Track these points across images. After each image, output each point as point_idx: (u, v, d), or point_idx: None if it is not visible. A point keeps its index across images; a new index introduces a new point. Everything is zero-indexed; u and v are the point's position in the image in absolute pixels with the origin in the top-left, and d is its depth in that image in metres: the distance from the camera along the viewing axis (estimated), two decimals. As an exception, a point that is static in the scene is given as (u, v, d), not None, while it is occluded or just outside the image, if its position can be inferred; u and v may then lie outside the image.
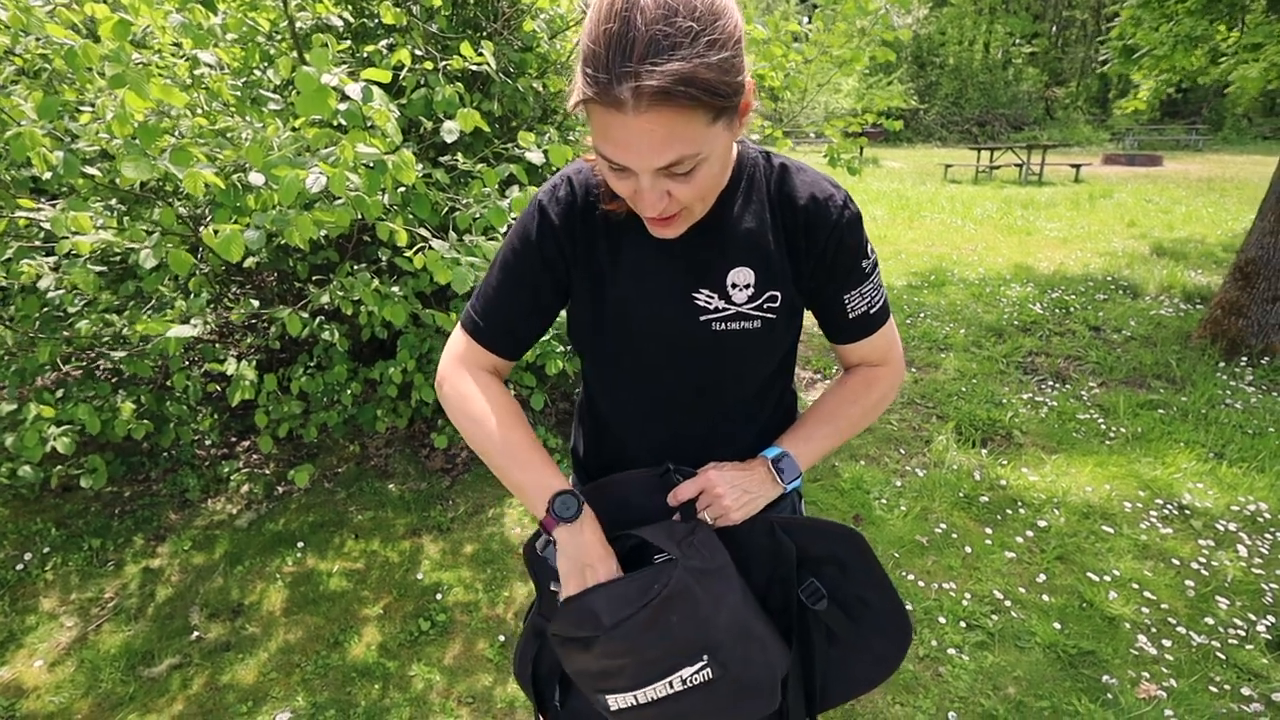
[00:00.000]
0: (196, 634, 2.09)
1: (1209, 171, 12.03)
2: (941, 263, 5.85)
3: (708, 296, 0.86)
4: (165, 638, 2.08)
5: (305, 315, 2.12)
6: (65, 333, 2.23)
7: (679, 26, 0.62)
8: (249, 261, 2.62)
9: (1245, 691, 1.84)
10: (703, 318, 0.86)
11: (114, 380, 2.77)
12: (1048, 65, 29.74)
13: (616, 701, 0.80)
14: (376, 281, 2.31)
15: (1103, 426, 3.22)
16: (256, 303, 2.32)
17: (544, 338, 2.65)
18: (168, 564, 2.38)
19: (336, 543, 2.47)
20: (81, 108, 2.09)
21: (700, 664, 0.78)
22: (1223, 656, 1.96)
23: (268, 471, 2.87)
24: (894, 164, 14.80)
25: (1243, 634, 2.02)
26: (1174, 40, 3.42)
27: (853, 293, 0.89)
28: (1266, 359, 3.67)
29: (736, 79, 0.67)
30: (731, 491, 0.87)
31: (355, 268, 2.46)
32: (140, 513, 2.61)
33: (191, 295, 2.31)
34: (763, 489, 0.89)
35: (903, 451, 3.10)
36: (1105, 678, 1.90)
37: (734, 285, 0.86)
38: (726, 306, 0.86)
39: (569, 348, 2.72)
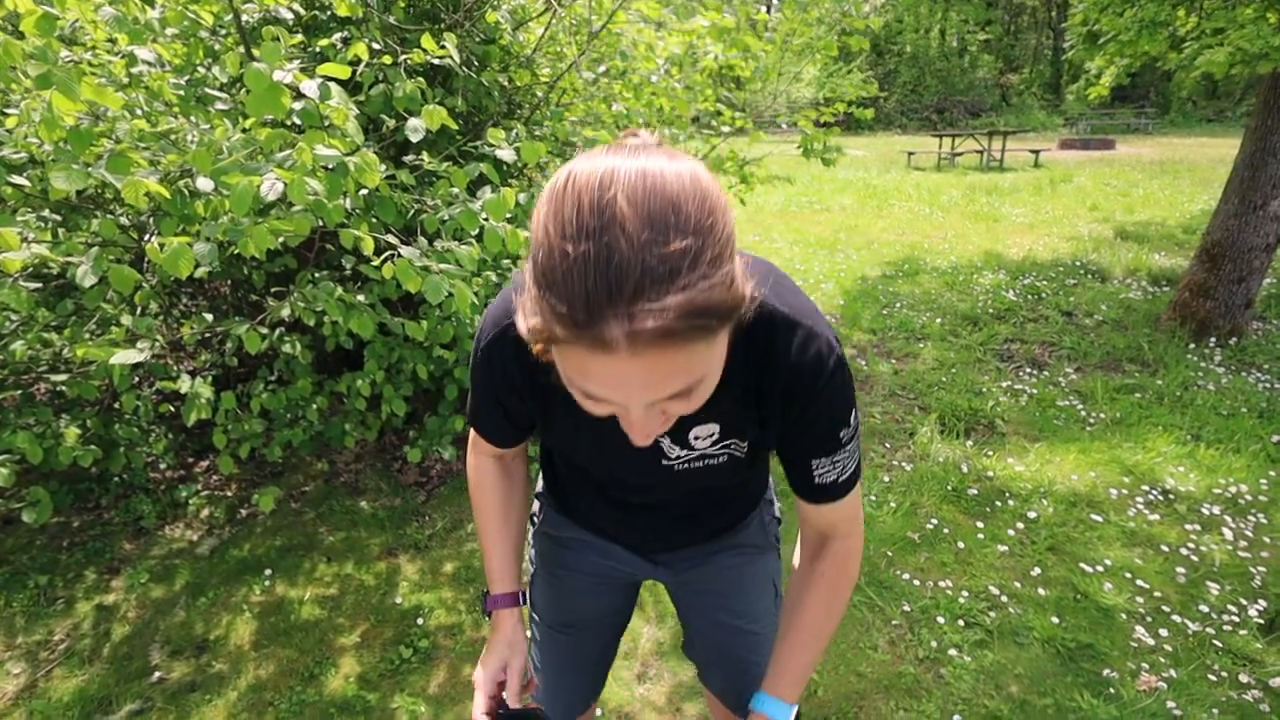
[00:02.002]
0: (158, 675, 1.95)
1: (1160, 154, 12.37)
2: (913, 251, 5.87)
3: (669, 445, 0.81)
4: (123, 681, 1.93)
5: (264, 330, 1.98)
6: (-2, 356, 2.05)
7: (675, 247, 0.48)
8: (200, 271, 2.46)
9: (1243, 679, 1.84)
10: (663, 461, 0.82)
11: (56, 403, 2.59)
12: (1001, 52, 30.31)
13: None
14: (340, 290, 2.18)
15: (1082, 412, 3.24)
16: (210, 316, 2.17)
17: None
18: (123, 599, 2.22)
19: (307, 567, 2.34)
20: (7, 110, 1.92)
21: None
22: (1219, 644, 1.95)
23: (229, 493, 2.71)
24: (857, 152, 14.91)
25: (1236, 619, 2.02)
26: (1139, 25, 3.45)
27: (823, 459, 0.78)
28: (1234, 339, 3.73)
29: (742, 287, 0.54)
30: None
31: (317, 276, 2.32)
32: (91, 544, 2.44)
33: (138, 311, 2.15)
34: None
35: (888, 445, 3.07)
36: (1106, 671, 1.88)
37: (696, 437, 0.80)
38: (688, 453, 0.82)
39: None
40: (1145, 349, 3.77)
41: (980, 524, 2.49)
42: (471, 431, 0.96)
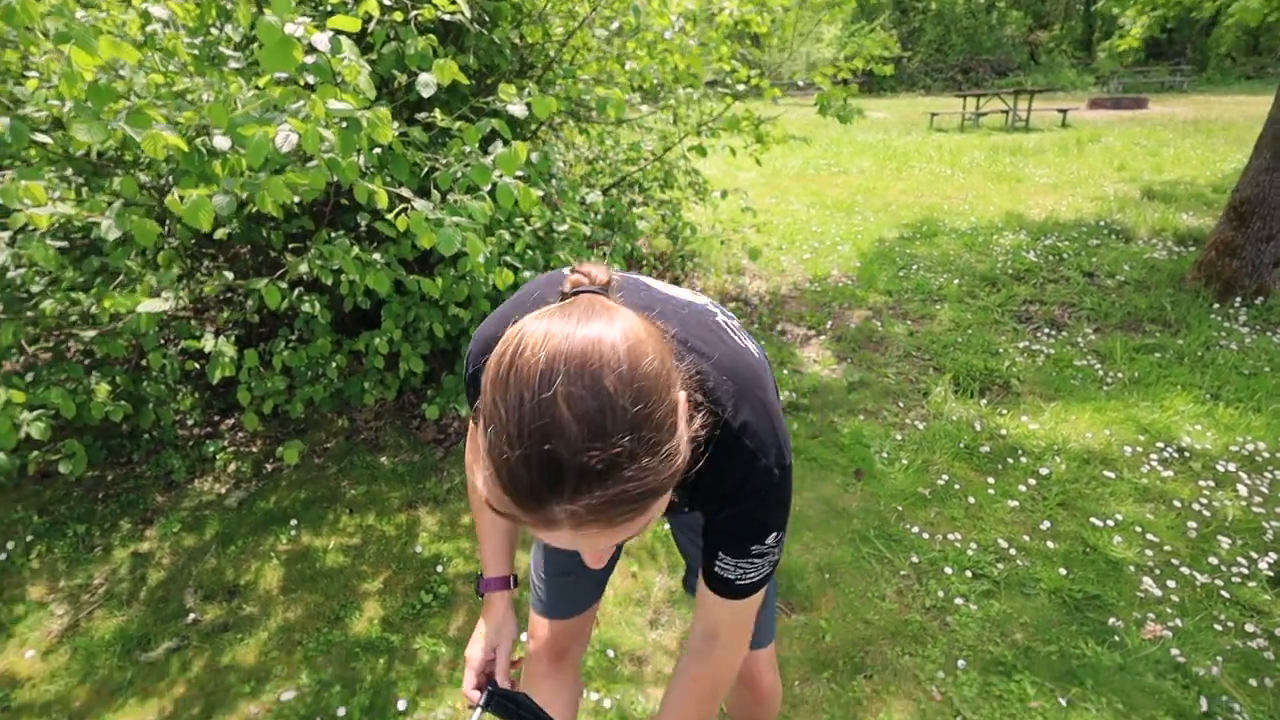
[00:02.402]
0: (192, 616, 2.05)
1: (1195, 113, 11.95)
2: (932, 213, 5.77)
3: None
4: (160, 621, 2.03)
5: (283, 286, 2.03)
6: (29, 313, 2.12)
7: (613, 450, 0.51)
8: (220, 233, 2.51)
9: (1249, 628, 1.85)
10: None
11: (86, 362, 2.67)
12: (1030, 8, 29.20)
13: None
14: (356, 249, 2.21)
15: (1099, 372, 3.21)
16: (230, 274, 2.22)
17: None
18: (157, 547, 2.32)
19: (330, 519, 2.42)
20: (27, 73, 1.95)
21: None
22: (1226, 595, 1.97)
23: (254, 449, 2.80)
24: (879, 114, 14.57)
25: (1245, 572, 2.03)
26: (1171, -29, 3.31)
27: (728, 558, 0.80)
28: (1261, 299, 3.66)
29: (678, 460, 0.56)
30: None
31: (333, 235, 2.35)
32: (125, 496, 2.54)
33: (161, 270, 2.20)
34: None
35: (901, 405, 3.08)
36: (1111, 620, 1.90)
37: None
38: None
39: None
40: (1168, 309, 3.71)
41: (991, 480, 2.50)
42: (470, 423, 0.98)
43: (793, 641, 1.91)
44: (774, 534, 0.79)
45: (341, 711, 1.73)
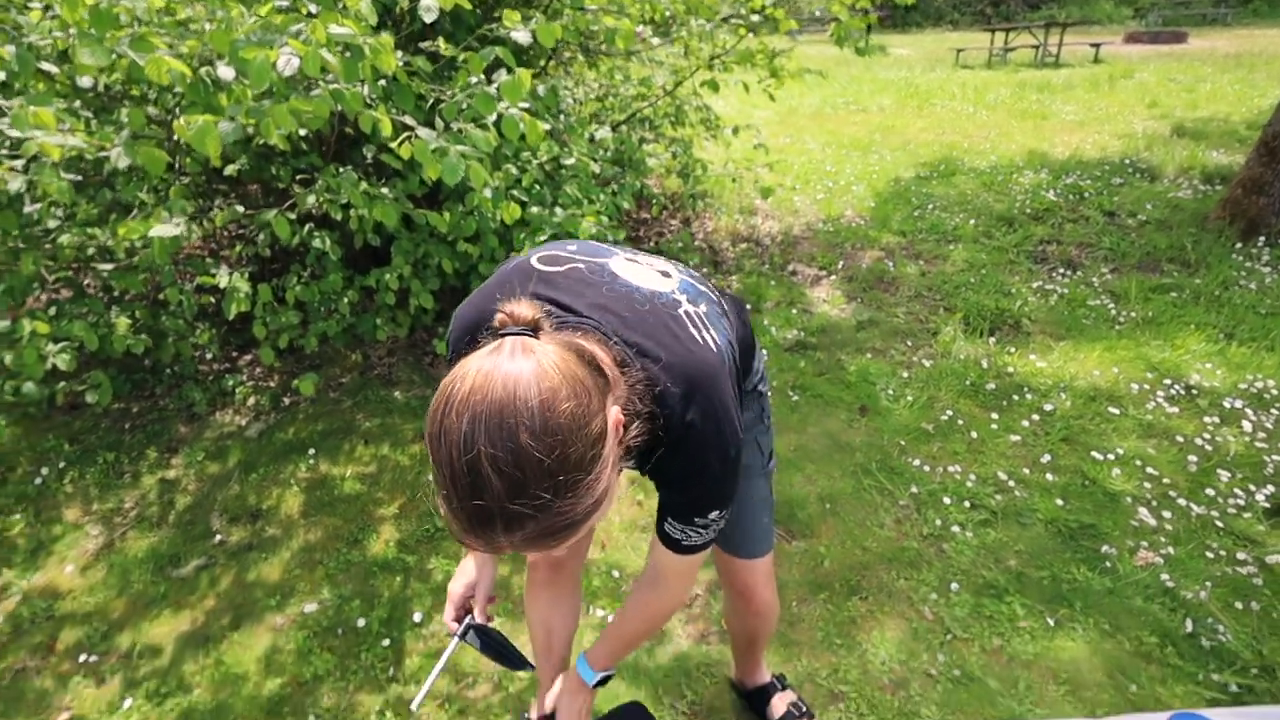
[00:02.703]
0: (219, 537, 2.15)
1: (1237, 47, 11.37)
2: (951, 151, 5.62)
3: None
4: (189, 541, 2.14)
5: (292, 217, 2.05)
6: (48, 246, 2.17)
7: (535, 501, 0.60)
8: (230, 170, 2.52)
9: (1241, 556, 1.89)
10: None
11: (106, 298, 2.73)
12: (1069, -65, 27.56)
13: None
14: (365, 184, 2.22)
15: (1112, 312, 3.18)
16: (241, 208, 2.24)
17: (543, 238, 2.58)
18: (183, 474, 2.42)
19: (347, 449, 2.51)
20: (30, 3, 1.94)
21: None
22: (1221, 525, 2.00)
23: (272, 384, 2.87)
24: (902, 51, 14.02)
25: (1242, 504, 2.06)
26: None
27: (675, 521, 0.89)
28: (1285, 238, 3.57)
29: (602, 490, 0.65)
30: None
31: (340, 170, 2.36)
32: (150, 427, 2.63)
33: (172, 201, 2.22)
34: (588, 708, 1.11)
35: (909, 344, 3.08)
36: (1104, 548, 1.95)
37: None
38: None
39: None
40: (1188, 249, 3.64)
41: (995, 416, 2.52)
42: None
43: (792, 566, 1.98)
44: (716, 511, 0.88)
45: (361, 622, 1.83)
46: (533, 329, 0.66)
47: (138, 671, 1.75)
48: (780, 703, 1.57)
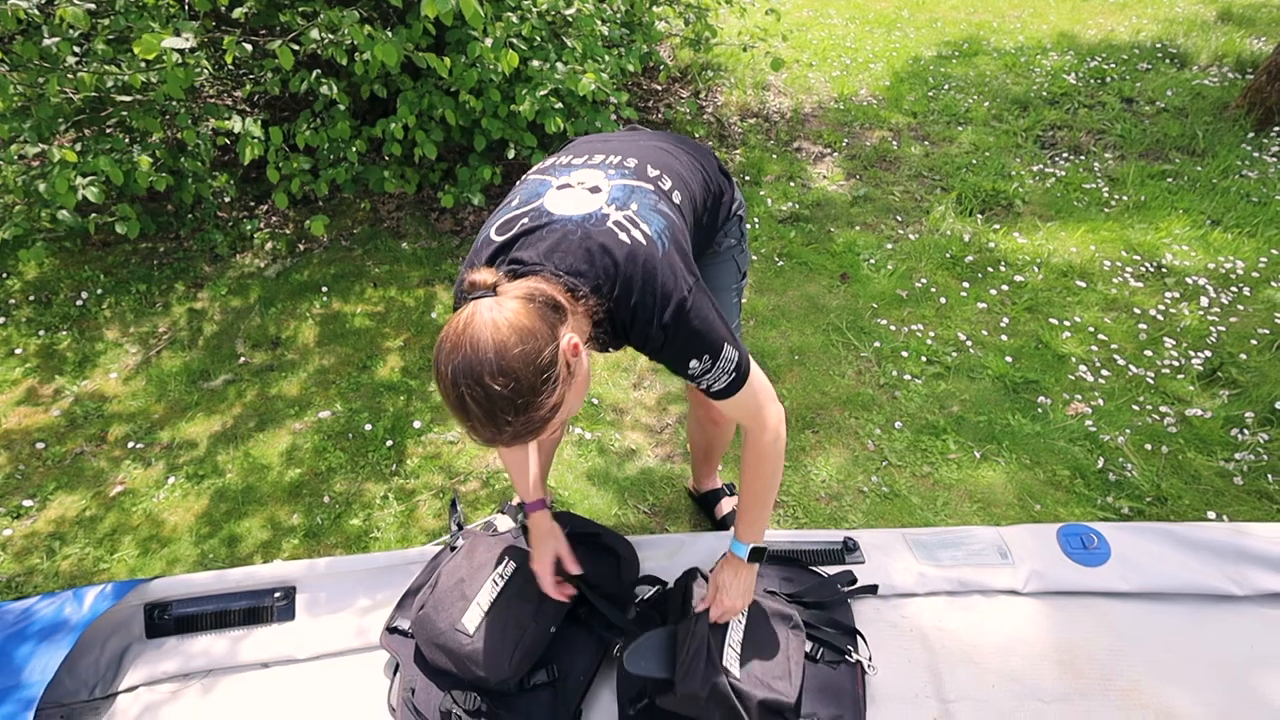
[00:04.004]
0: (243, 359, 2.39)
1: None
2: (979, 31, 5.38)
3: None
4: (217, 361, 2.39)
5: (296, 48, 2.13)
6: (69, 76, 2.28)
7: (504, 423, 0.83)
8: (238, 13, 2.57)
9: (1164, 409, 2.07)
10: None
11: (128, 139, 2.85)
12: None
13: None
14: (368, 28, 2.27)
15: (1106, 195, 3.21)
16: (250, 47, 2.32)
17: (543, 93, 2.64)
18: (209, 306, 2.64)
19: (357, 290, 2.70)
20: None
21: None
22: (1153, 384, 2.16)
23: (288, 231, 3.04)
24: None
25: (1177, 365, 2.21)
26: None
27: (690, 381, 1.04)
28: (1300, 129, 3.51)
29: (558, 399, 0.85)
30: (740, 599, 1.25)
31: (343, 11, 2.40)
32: (176, 264, 2.83)
33: (180, 20, 2.30)
34: (751, 581, 1.26)
35: (899, 219, 3.16)
36: (1041, 399, 2.13)
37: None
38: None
39: (565, 104, 2.71)
40: (1199, 137, 3.59)
41: (967, 285, 2.65)
42: None
43: (755, 404, 2.18)
44: (694, 360, 1.00)
45: (369, 428, 2.09)
46: (492, 289, 0.86)
47: (178, 458, 2.04)
48: (726, 504, 1.82)
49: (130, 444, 2.08)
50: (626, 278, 0.95)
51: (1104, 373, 2.20)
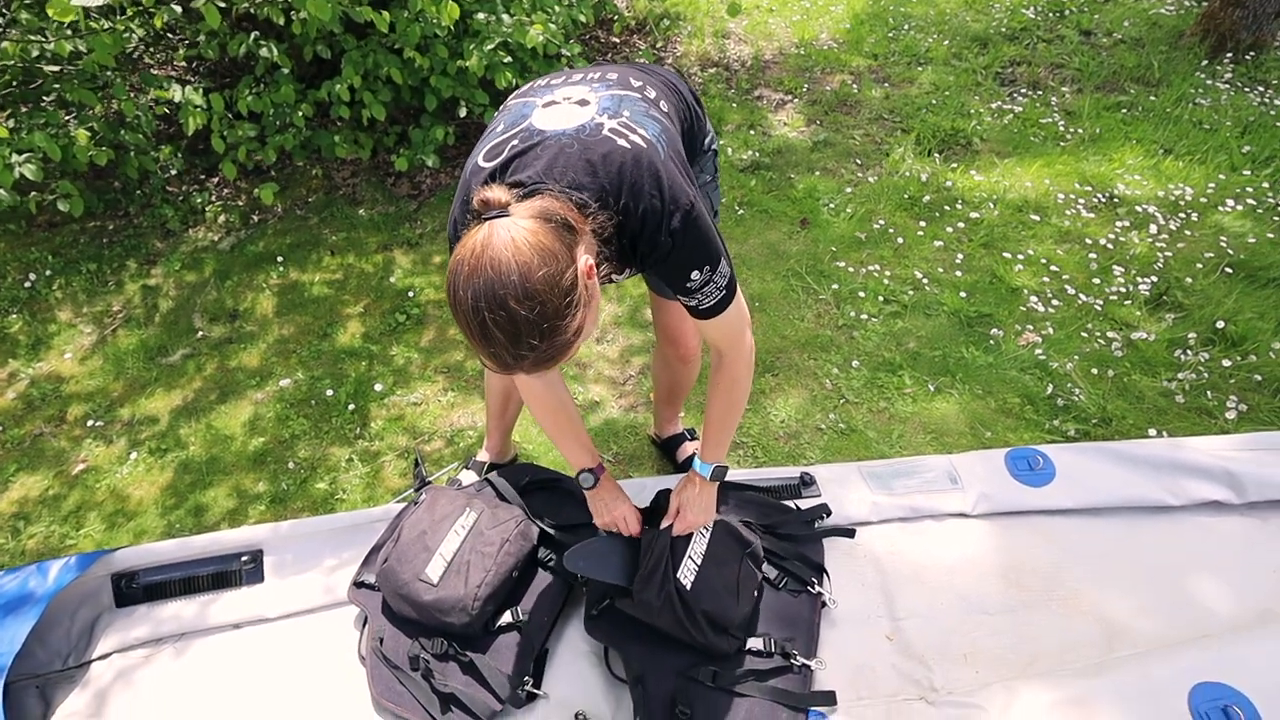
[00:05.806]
0: (201, 333, 2.37)
1: None
2: (942, -30, 5.31)
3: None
4: (175, 336, 2.36)
5: (222, 4, 2.06)
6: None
7: (528, 347, 0.80)
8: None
9: (1111, 334, 2.12)
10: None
11: (65, 114, 2.76)
12: None
13: None
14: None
15: (1062, 130, 3.22)
16: (179, 9, 2.24)
17: (490, 47, 2.58)
18: (163, 282, 2.60)
19: (314, 259, 2.67)
20: None
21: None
22: (1101, 310, 2.21)
23: (240, 203, 2.98)
24: None
25: (1125, 292, 2.26)
26: None
27: (682, 295, 1.03)
28: (1252, 54, 3.52)
29: (580, 323, 0.84)
30: (702, 515, 1.29)
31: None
32: (127, 242, 2.78)
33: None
34: (712, 498, 1.29)
35: (858, 163, 3.15)
36: (994, 331, 2.17)
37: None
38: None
39: (515, 58, 2.66)
40: (1154, 67, 3.59)
41: (924, 224, 2.67)
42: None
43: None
44: (695, 271, 0.99)
45: (331, 394, 2.09)
46: (505, 209, 0.83)
47: (140, 434, 2.03)
48: (688, 448, 1.85)
49: (90, 422, 2.06)
50: (633, 183, 0.93)
51: (1055, 303, 2.25)
